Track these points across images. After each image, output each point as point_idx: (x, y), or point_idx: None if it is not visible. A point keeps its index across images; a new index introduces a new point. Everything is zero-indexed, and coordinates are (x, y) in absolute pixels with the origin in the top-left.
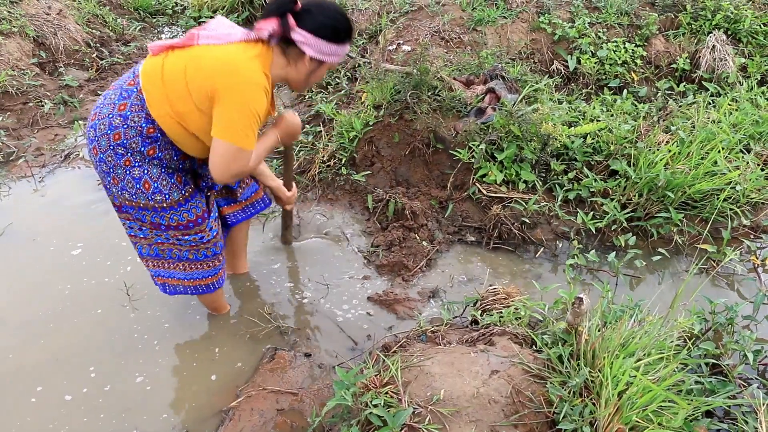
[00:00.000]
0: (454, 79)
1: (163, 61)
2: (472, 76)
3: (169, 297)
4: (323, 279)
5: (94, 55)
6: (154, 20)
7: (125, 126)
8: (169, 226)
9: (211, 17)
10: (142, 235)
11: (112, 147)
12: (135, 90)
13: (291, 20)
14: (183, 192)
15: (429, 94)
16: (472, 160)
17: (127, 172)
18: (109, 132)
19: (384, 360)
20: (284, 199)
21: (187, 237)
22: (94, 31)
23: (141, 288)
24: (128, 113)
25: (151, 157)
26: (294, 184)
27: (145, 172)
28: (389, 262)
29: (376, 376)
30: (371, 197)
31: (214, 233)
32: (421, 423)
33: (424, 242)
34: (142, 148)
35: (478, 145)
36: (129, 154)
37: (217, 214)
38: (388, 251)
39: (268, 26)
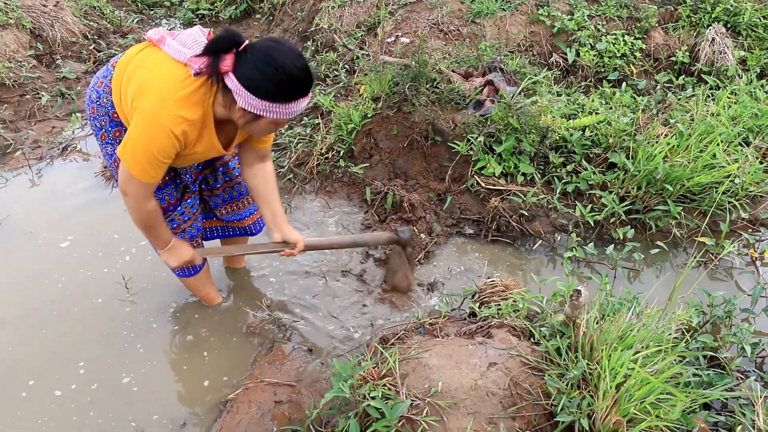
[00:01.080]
0: (453, 71)
1: (134, 53)
2: (471, 68)
3: (167, 288)
4: (321, 271)
5: (92, 47)
6: (152, 12)
7: (98, 103)
8: None
9: (209, 9)
10: None
11: (91, 118)
12: (112, 72)
13: (227, 62)
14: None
15: (427, 86)
16: (471, 153)
17: (103, 146)
18: (88, 103)
19: (382, 352)
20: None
21: None
22: (91, 23)
23: (139, 280)
24: (101, 92)
25: (119, 140)
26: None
27: (116, 151)
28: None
29: (374, 368)
30: (369, 189)
31: (186, 218)
32: (419, 415)
33: (422, 235)
34: (110, 128)
35: (477, 138)
36: (103, 130)
37: (196, 203)
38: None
39: (197, 64)
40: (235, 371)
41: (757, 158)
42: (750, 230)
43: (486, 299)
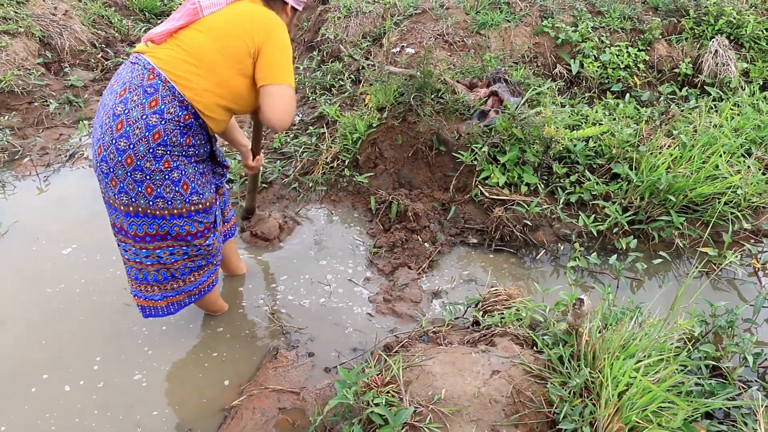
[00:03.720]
0: (458, 82)
1: (177, 44)
2: (476, 79)
3: None
4: (325, 279)
5: (100, 56)
6: (159, 21)
7: (163, 121)
8: (197, 233)
9: None
10: (149, 263)
11: (151, 150)
12: (160, 82)
13: None
14: (211, 191)
15: (432, 96)
16: (475, 163)
17: (166, 176)
18: (147, 134)
19: (386, 359)
20: (247, 165)
21: (208, 242)
22: (99, 31)
23: None
24: (162, 107)
25: (187, 147)
26: (260, 155)
27: (183, 173)
28: (391, 263)
29: (377, 375)
30: (374, 199)
31: (219, 214)
32: (422, 422)
33: (426, 244)
34: (181, 139)
35: (481, 148)
36: (168, 154)
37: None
38: (391, 252)
39: None
40: (239, 378)
41: (760, 169)
42: (752, 241)
43: (489, 308)
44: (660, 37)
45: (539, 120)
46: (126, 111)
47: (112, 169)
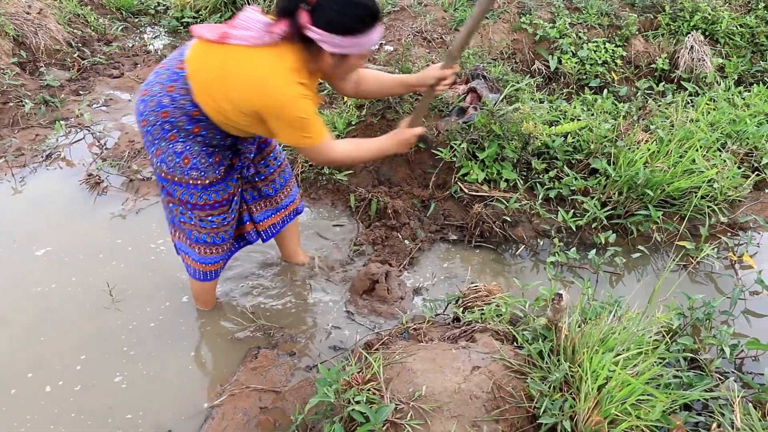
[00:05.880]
0: None
1: (205, 53)
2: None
3: (151, 297)
4: (306, 278)
5: (76, 55)
6: (137, 20)
7: (173, 106)
8: (196, 205)
9: (194, 18)
10: (167, 212)
11: (159, 123)
12: (183, 74)
13: (304, 17)
14: (217, 173)
15: (411, 93)
16: (454, 159)
17: (170, 146)
18: (157, 109)
19: (366, 357)
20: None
21: (210, 218)
22: (75, 30)
23: (124, 288)
24: (176, 95)
25: (195, 135)
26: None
27: (187, 148)
28: (372, 260)
29: (358, 373)
30: (354, 196)
31: (234, 215)
32: (403, 419)
33: (406, 241)
34: (188, 126)
35: (460, 145)
36: (175, 130)
37: (239, 199)
38: (371, 250)
39: (278, 29)
40: (220, 378)
41: (735, 163)
42: (729, 234)
43: (469, 304)
44: (637, 33)
45: (518, 116)
46: (152, 83)
47: (138, 124)
